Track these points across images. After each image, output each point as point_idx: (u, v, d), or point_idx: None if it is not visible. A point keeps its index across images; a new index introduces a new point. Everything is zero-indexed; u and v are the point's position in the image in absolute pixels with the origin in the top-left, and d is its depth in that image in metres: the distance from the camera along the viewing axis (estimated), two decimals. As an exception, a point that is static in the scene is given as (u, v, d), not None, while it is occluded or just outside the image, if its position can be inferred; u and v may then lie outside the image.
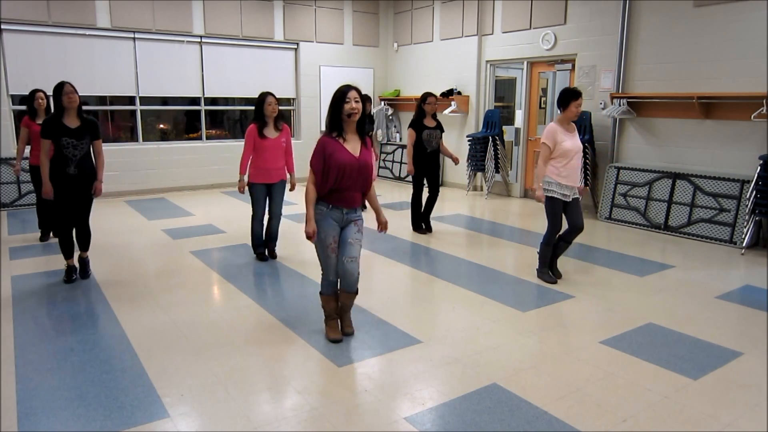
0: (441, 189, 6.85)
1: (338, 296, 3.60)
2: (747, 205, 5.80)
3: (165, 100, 9.37)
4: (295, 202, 8.52)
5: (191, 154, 9.51)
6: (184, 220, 7.10)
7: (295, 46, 10.28)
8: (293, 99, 10.52)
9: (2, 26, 7.69)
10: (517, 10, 8.55)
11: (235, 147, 9.90)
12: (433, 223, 7.17)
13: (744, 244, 5.78)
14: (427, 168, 6.39)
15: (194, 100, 9.53)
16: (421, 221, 6.59)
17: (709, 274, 5.03)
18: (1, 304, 4.20)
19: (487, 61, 9.24)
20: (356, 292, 3.55)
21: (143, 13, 8.62)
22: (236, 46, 9.65)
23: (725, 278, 4.94)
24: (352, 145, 3.39)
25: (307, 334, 3.68)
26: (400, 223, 7.01)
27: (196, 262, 5.33)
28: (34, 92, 5.95)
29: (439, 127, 6.40)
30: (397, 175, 10.82)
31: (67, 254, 4.72)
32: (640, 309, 4.17)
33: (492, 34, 9.03)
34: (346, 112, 3.30)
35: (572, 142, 4.56)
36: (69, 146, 4.44)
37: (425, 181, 6.48)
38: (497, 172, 8.96)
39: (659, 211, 6.70)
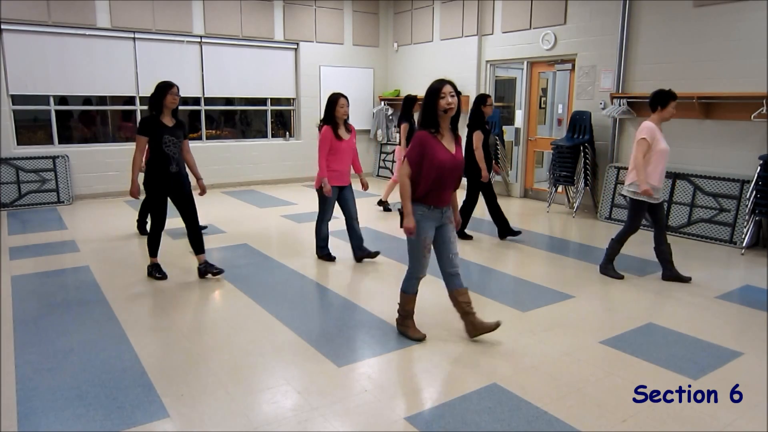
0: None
1: (416, 297, 3.64)
2: (747, 205, 5.80)
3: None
4: (295, 202, 8.52)
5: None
6: (184, 220, 7.08)
7: (295, 46, 10.28)
8: (293, 99, 10.52)
9: (2, 26, 7.69)
10: (517, 10, 8.55)
11: (236, 147, 9.91)
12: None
13: (744, 244, 5.78)
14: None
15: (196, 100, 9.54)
16: (506, 228, 6.22)
17: (709, 274, 5.03)
18: (1, 304, 4.20)
19: (487, 61, 9.24)
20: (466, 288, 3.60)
21: (143, 13, 8.61)
22: (236, 46, 9.65)
23: (725, 278, 4.94)
24: (448, 143, 3.33)
25: (307, 334, 3.67)
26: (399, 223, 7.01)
27: (196, 262, 5.32)
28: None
29: (491, 131, 6.14)
30: (397, 175, 10.81)
31: (154, 252, 4.79)
32: (640, 309, 4.17)
33: (492, 34, 9.02)
34: (442, 108, 3.22)
35: (665, 144, 4.52)
36: (170, 144, 4.49)
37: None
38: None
39: (659, 211, 6.69)
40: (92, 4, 8.21)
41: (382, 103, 11.18)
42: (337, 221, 6.04)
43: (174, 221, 6.99)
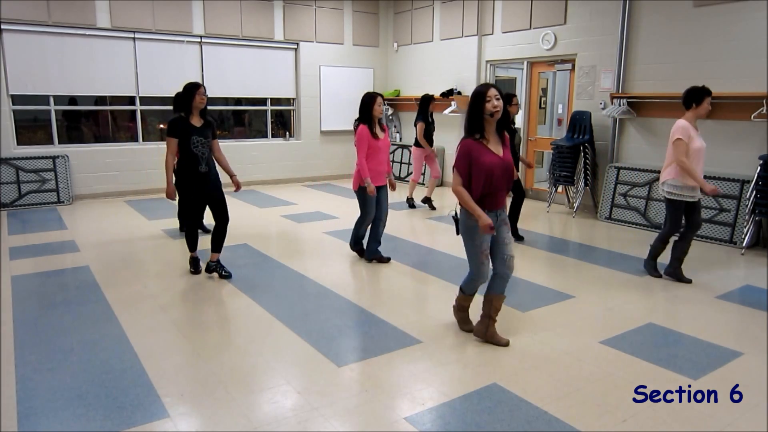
0: (442, 189, 6.80)
1: (473, 296, 3.72)
2: (747, 205, 5.80)
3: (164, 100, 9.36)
4: (295, 202, 8.52)
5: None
6: (184, 220, 7.09)
7: (295, 46, 10.28)
8: (293, 99, 10.52)
9: (2, 26, 7.69)
10: (517, 10, 8.55)
11: (236, 147, 9.90)
12: (433, 223, 7.18)
13: (744, 244, 5.78)
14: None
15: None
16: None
17: (709, 274, 5.03)
18: (1, 304, 4.20)
19: (487, 61, 9.24)
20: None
21: (143, 13, 8.61)
22: (236, 46, 9.65)
23: (725, 278, 4.94)
24: (495, 146, 3.33)
25: (307, 333, 3.67)
26: (401, 223, 7.02)
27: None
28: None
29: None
30: (397, 175, 10.81)
31: (192, 247, 4.97)
32: (640, 309, 4.17)
33: (492, 34, 9.02)
34: (488, 112, 3.23)
35: (701, 142, 4.47)
36: (198, 144, 4.55)
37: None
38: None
39: (659, 211, 6.69)
40: (92, 4, 8.21)
41: (382, 103, 11.16)
42: (350, 219, 5.97)
43: (173, 221, 7.01)
